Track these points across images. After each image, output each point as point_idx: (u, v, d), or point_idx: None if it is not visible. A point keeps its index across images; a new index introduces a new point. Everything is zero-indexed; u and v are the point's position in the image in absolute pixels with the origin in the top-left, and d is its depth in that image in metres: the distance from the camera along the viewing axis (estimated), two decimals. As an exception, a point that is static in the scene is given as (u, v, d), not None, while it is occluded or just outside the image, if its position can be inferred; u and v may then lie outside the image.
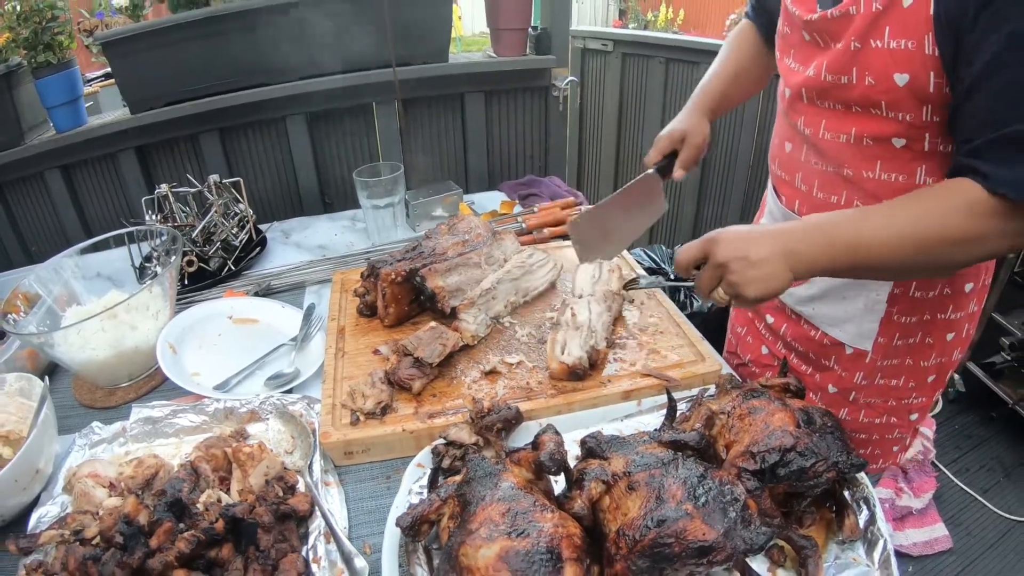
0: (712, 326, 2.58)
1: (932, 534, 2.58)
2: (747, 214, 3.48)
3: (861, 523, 0.95)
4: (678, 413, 1.08)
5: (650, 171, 1.49)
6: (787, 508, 0.94)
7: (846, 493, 0.97)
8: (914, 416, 1.47)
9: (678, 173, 1.51)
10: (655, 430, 0.99)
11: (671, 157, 1.51)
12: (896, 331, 1.34)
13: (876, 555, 0.92)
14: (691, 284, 1.16)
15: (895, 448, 1.53)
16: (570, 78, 2.69)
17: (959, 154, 1.03)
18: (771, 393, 1.04)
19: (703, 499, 0.80)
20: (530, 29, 2.63)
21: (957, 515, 2.71)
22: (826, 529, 0.97)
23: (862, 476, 1.00)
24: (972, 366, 3.14)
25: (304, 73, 2.38)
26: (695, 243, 1.13)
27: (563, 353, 1.24)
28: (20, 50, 2.24)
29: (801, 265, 1.06)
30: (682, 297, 2.68)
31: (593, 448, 0.92)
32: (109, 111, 2.67)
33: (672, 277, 1.65)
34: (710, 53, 3.27)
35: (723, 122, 3.32)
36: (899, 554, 2.41)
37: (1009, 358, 3.03)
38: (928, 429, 2.98)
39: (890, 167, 1.18)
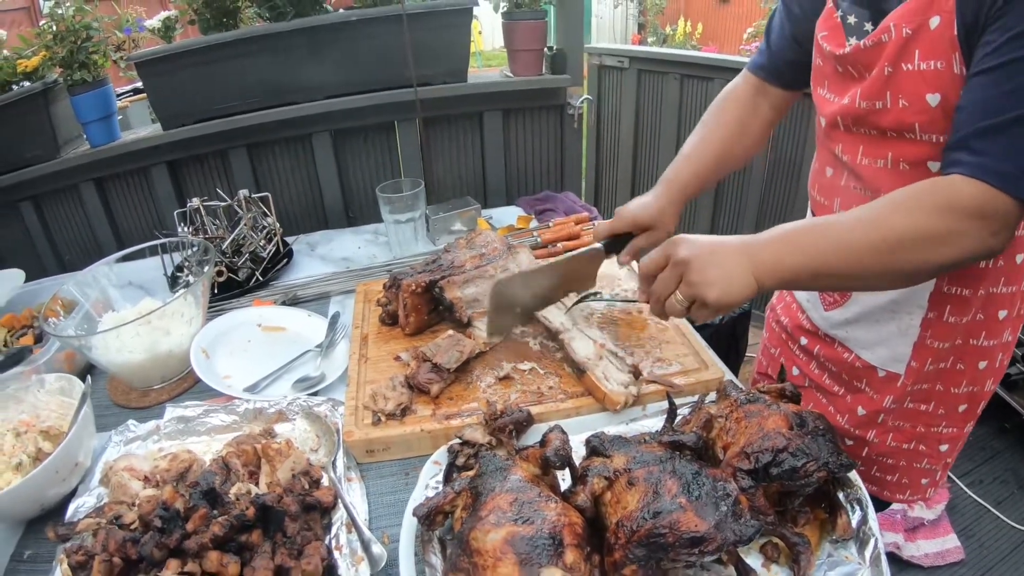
0: (724, 337, 2.64)
1: (944, 545, 2.57)
2: (761, 228, 3.53)
3: (854, 523, 0.98)
4: (680, 417, 1.13)
5: (597, 245, 1.44)
6: (781, 507, 0.98)
7: (840, 494, 1.01)
8: (944, 447, 1.44)
9: (625, 259, 1.44)
10: (656, 431, 1.06)
11: (624, 236, 1.44)
12: (929, 355, 1.32)
13: (867, 553, 0.94)
14: (635, 301, 1.17)
15: (924, 480, 1.49)
16: (585, 96, 2.74)
17: (946, 148, 1.04)
18: (768, 398, 1.09)
19: (696, 494, 0.86)
20: (546, 49, 2.68)
21: (970, 526, 2.69)
22: (820, 528, 1.00)
23: (855, 477, 1.02)
24: None
25: (329, 92, 2.44)
26: (657, 249, 1.14)
27: (616, 384, 1.26)
28: (56, 67, 2.32)
29: (764, 270, 1.05)
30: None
31: (597, 447, 0.98)
32: (138, 126, 2.77)
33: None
34: (724, 69, 3.39)
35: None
36: (910, 565, 2.49)
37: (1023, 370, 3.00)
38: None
39: None
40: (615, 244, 1.42)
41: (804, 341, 1.51)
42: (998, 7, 0.93)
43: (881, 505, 1.54)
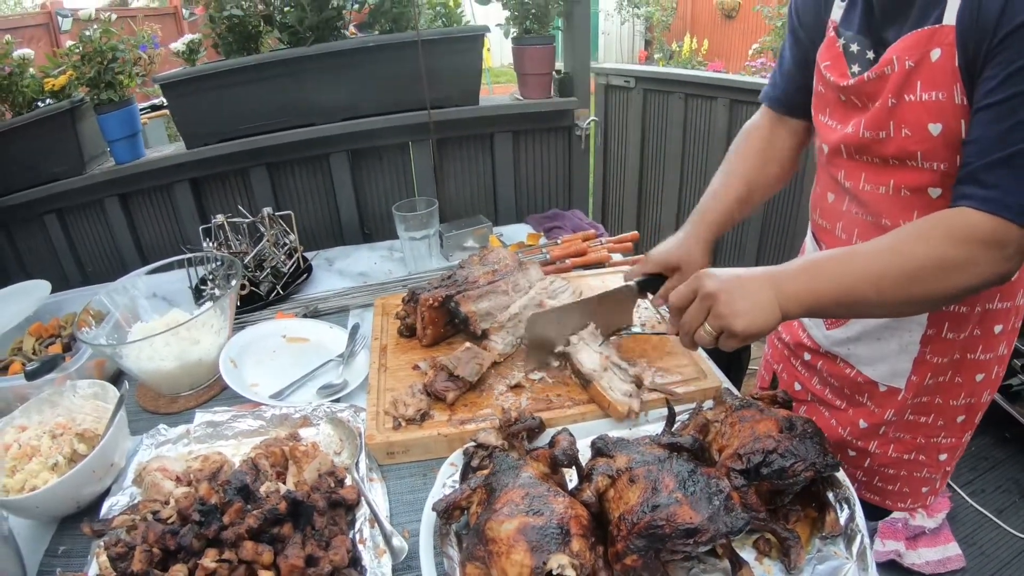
0: (726, 352, 2.70)
1: (944, 553, 2.59)
2: (764, 249, 3.59)
3: (842, 520, 1.04)
4: (678, 422, 1.21)
5: (631, 283, 1.49)
6: (773, 505, 1.04)
7: (829, 494, 1.07)
8: (943, 456, 1.47)
9: (658, 301, 1.49)
10: (656, 435, 1.14)
11: (657, 276, 1.48)
12: (928, 370, 1.36)
13: (854, 548, 1.00)
14: (665, 333, 1.23)
15: (924, 489, 1.52)
16: (592, 118, 2.83)
17: (957, 182, 1.08)
18: (761, 404, 1.16)
19: (691, 490, 0.93)
20: (554, 73, 2.77)
21: (971, 535, 2.72)
22: (810, 526, 1.06)
23: (843, 478, 1.08)
24: None
25: (346, 114, 2.55)
26: (685, 284, 1.18)
27: (620, 394, 1.32)
28: (82, 86, 2.41)
29: (789, 301, 1.10)
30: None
31: (601, 448, 1.06)
32: (155, 142, 2.88)
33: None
34: (727, 88, 3.41)
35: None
36: (912, 573, 2.53)
37: None
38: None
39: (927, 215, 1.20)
40: (648, 283, 1.47)
41: (807, 357, 1.55)
42: (997, 41, 0.98)
43: (883, 513, 1.60)
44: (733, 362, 2.83)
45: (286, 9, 2.38)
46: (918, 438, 1.44)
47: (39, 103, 2.42)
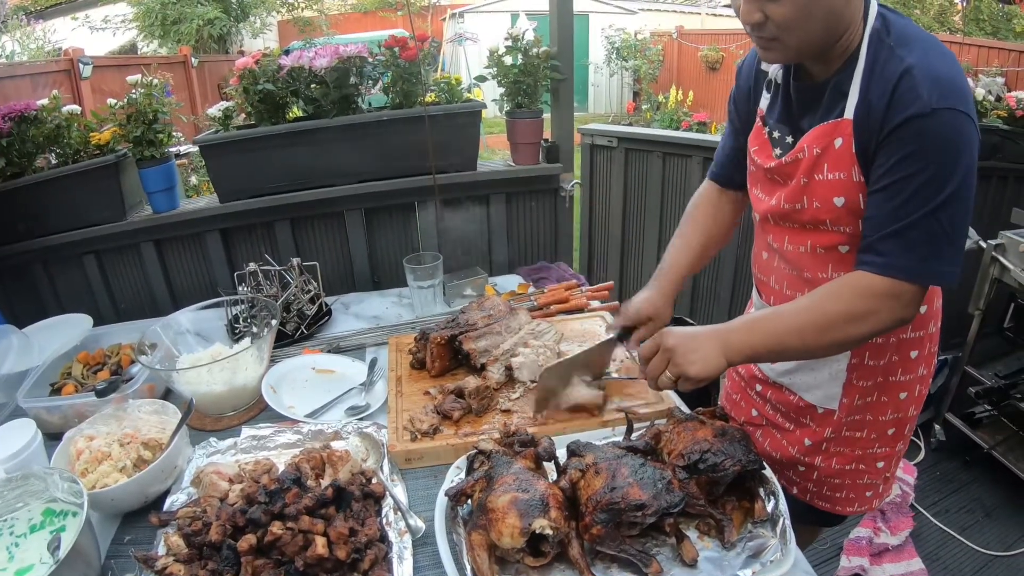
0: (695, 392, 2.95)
1: (908, 568, 2.73)
2: (736, 305, 3.78)
3: (768, 508, 1.27)
4: (637, 434, 1.49)
5: (612, 335, 1.68)
6: (712, 495, 1.29)
7: (760, 489, 1.31)
8: (880, 464, 1.65)
9: (631, 346, 1.66)
10: (617, 440, 1.43)
11: (631, 328, 1.66)
12: (856, 393, 1.55)
13: (777, 528, 1.23)
14: (635, 378, 1.48)
15: (868, 493, 1.69)
16: (575, 181, 3.12)
17: (859, 251, 1.28)
18: (704, 417, 1.43)
19: (640, 476, 1.22)
20: (542, 142, 3.05)
21: (935, 551, 2.86)
22: (744, 514, 1.29)
23: (771, 475, 1.32)
24: (951, 417, 3.38)
25: (361, 177, 2.81)
26: (651, 339, 1.40)
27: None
28: (125, 141, 2.60)
29: (731, 352, 1.31)
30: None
31: (574, 449, 1.36)
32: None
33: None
34: (700, 148, 3.60)
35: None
36: None
37: (988, 408, 3.27)
38: (909, 475, 3.15)
39: (838, 268, 1.41)
40: (626, 333, 1.67)
41: (759, 388, 1.76)
42: (884, 135, 1.20)
43: (836, 519, 1.82)
44: (702, 396, 3.08)
45: (312, 85, 2.65)
46: (856, 450, 1.63)
47: (83, 153, 2.62)
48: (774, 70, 1.48)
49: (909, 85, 1.18)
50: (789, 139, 1.43)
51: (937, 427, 3.48)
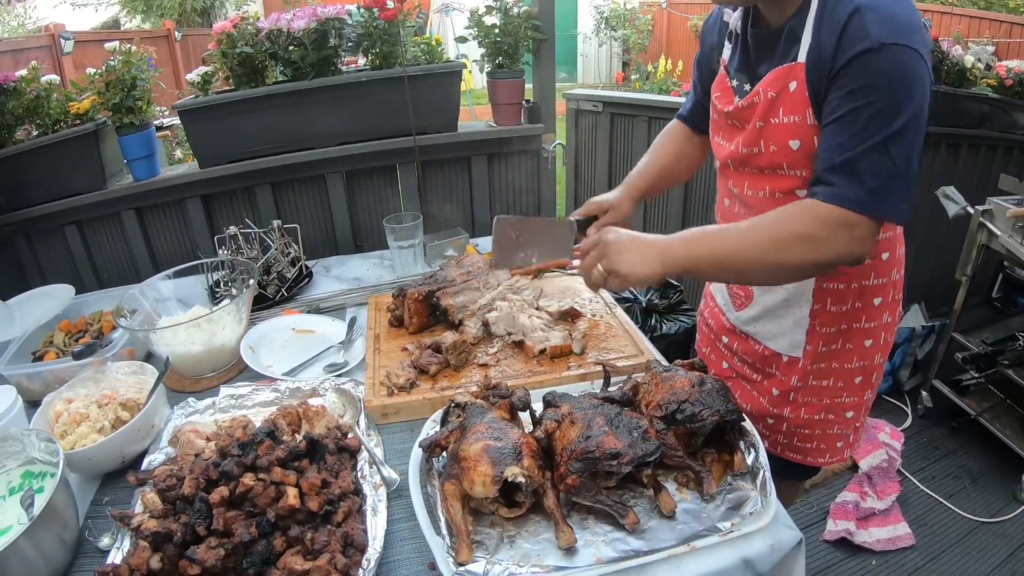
0: (679, 345, 2.96)
1: (895, 532, 2.79)
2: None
3: (748, 461, 1.27)
4: (615, 387, 1.48)
5: (571, 218, 1.69)
6: (691, 448, 1.28)
7: (741, 442, 1.30)
8: (849, 414, 1.68)
9: (591, 231, 1.65)
10: (594, 391, 1.42)
11: (593, 218, 1.71)
12: (820, 340, 1.57)
13: (758, 481, 1.23)
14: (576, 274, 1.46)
15: (839, 444, 1.73)
16: (557, 142, 3.10)
17: (811, 183, 1.28)
18: (681, 369, 1.41)
19: (616, 425, 1.22)
20: (524, 103, 3.04)
21: (922, 516, 2.91)
22: (724, 467, 1.29)
23: (750, 427, 1.32)
24: (939, 383, 3.42)
25: (342, 140, 2.80)
26: (594, 236, 1.41)
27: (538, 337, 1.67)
28: (105, 110, 2.60)
29: (670, 259, 1.31)
30: (652, 322, 3.04)
31: (550, 400, 1.35)
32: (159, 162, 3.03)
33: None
34: None
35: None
36: (863, 549, 2.72)
37: (976, 375, 3.31)
38: (896, 441, 3.21)
39: None
40: (585, 223, 1.68)
41: (726, 340, 1.81)
42: (835, 73, 1.20)
43: (810, 472, 1.84)
44: (685, 355, 3.09)
45: (290, 48, 2.63)
46: (824, 399, 1.65)
47: (61, 123, 2.61)
48: (734, 20, 1.50)
49: (859, 23, 1.18)
50: (747, 87, 1.45)
51: (924, 393, 3.52)
